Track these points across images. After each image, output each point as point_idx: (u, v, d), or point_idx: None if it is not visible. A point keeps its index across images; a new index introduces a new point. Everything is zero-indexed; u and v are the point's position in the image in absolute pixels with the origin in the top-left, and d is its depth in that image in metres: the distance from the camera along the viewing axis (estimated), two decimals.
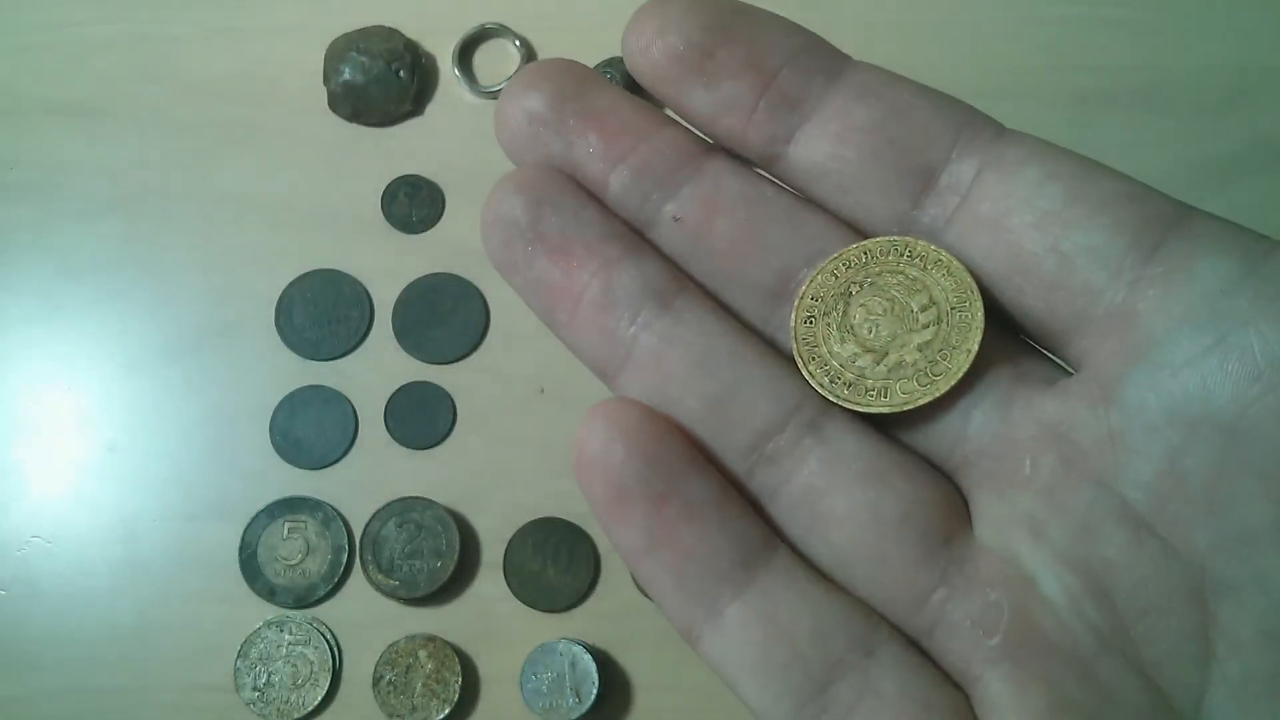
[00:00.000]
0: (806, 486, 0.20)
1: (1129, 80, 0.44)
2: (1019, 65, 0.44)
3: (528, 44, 0.44)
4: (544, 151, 0.21)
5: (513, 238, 0.21)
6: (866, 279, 0.20)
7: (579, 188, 0.21)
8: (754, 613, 0.20)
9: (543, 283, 0.21)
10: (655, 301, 0.20)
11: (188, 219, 0.42)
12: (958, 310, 0.20)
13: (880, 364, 0.20)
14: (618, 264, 0.20)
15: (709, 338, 0.20)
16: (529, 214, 0.21)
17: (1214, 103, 0.44)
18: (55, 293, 0.41)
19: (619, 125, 0.21)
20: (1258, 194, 0.43)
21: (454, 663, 0.37)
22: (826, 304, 0.20)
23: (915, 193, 0.20)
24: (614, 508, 0.20)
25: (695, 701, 0.38)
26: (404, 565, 0.38)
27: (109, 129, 0.43)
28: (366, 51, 0.42)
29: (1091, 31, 0.45)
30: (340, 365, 0.41)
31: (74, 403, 0.40)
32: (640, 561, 0.20)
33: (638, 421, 0.20)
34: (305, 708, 0.37)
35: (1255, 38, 0.44)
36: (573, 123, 0.21)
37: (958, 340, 0.20)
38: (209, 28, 0.44)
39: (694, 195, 0.21)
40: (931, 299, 0.20)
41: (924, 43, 0.44)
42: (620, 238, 0.21)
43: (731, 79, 0.20)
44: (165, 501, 0.39)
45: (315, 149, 0.43)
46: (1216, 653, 0.18)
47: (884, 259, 0.20)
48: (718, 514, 0.20)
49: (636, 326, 0.20)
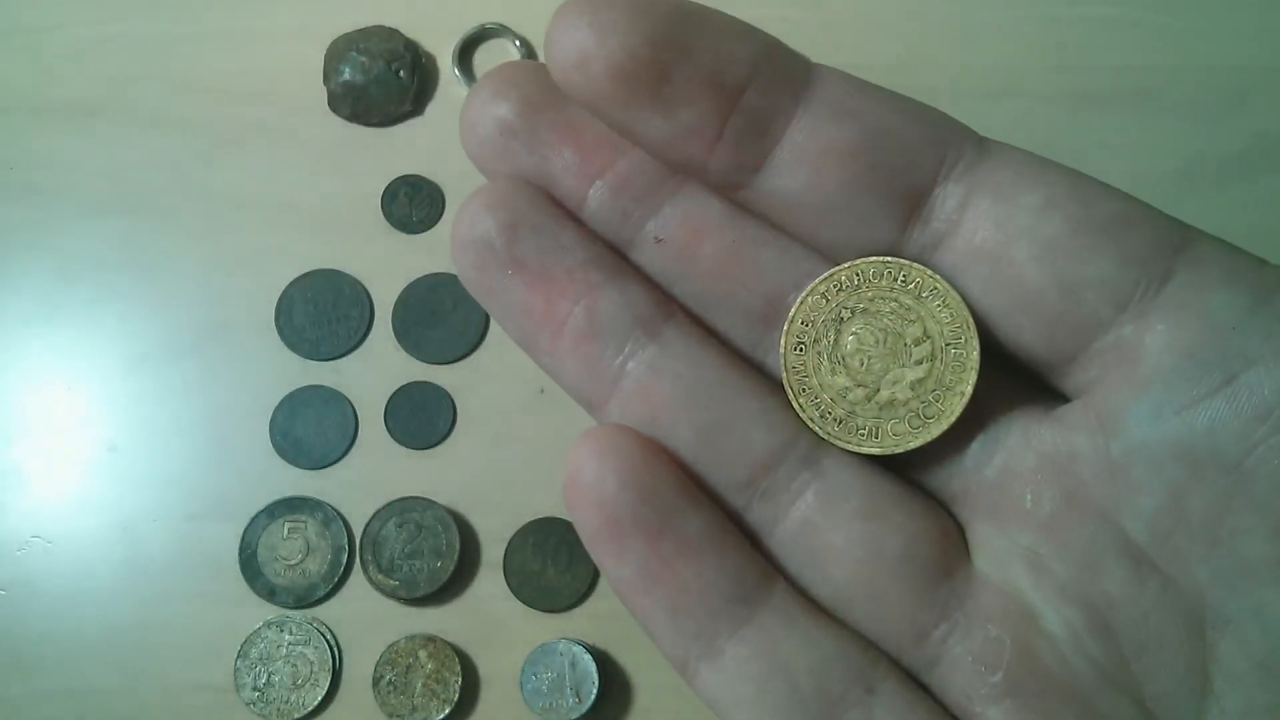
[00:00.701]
0: (804, 521, 0.19)
1: (1129, 80, 0.44)
2: (1018, 65, 0.44)
3: (528, 44, 0.44)
4: (515, 164, 0.20)
5: (487, 261, 0.19)
6: (859, 305, 0.20)
7: (555, 205, 0.20)
8: (751, 650, 0.19)
9: (521, 309, 0.19)
10: (642, 330, 0.19)
11: (188, 219, 0.42)
12: (953, 347, 0.19)
13: (872, 400, 0.20)
14: (601, 290, 0.19)
15: (699, 368, 0.19)
16: (503, 235, 0.19)
17: (1214, 103, 0.44)
18: (55, 292, 0.41)
19: (595, 137, 0.19)
20: (1258, 194, 0.43)
21: (454, 663, 0.37)
22: (817, 330, 0.20)
23: (901, 220, 0.19)
24: (607, 541, 0.19)
25: (695, 701, 0.37)
26: (404, 565, 0.38)
27: (109, 129, 0.43)
28: (366, 51, 0.42)
29: (1091, 31, 0.45)
30: (340, 365, 0.41)
31: (74, 403, 0.40)
32: (633, 596, 0.19)
33: (630, 451, 0.19)
34: (305, 708, 0.37)
35: (1255, 38, 0.44)
36: (546, 134, 0.19)
37: (952, 380, 0.19)
38: (209, 28, 0.44)
39: (676, 214, 0.20)
40: (925, 331, 0.19)
41: (923, 42, 0.44)
42: (602, 261, 0.19)
43: (690, 104, 0.18)
44: (165, 501, 0.39)
45: (315, 149, 0.43)
46: (1214, 687, 0.18)
47: (877, 283, 0.19)
48: (715, 549, 0.19)
49: (623, 357, 0.19)
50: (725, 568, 0.19)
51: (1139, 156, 0.43)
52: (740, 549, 0.19)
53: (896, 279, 0.19)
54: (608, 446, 0.19)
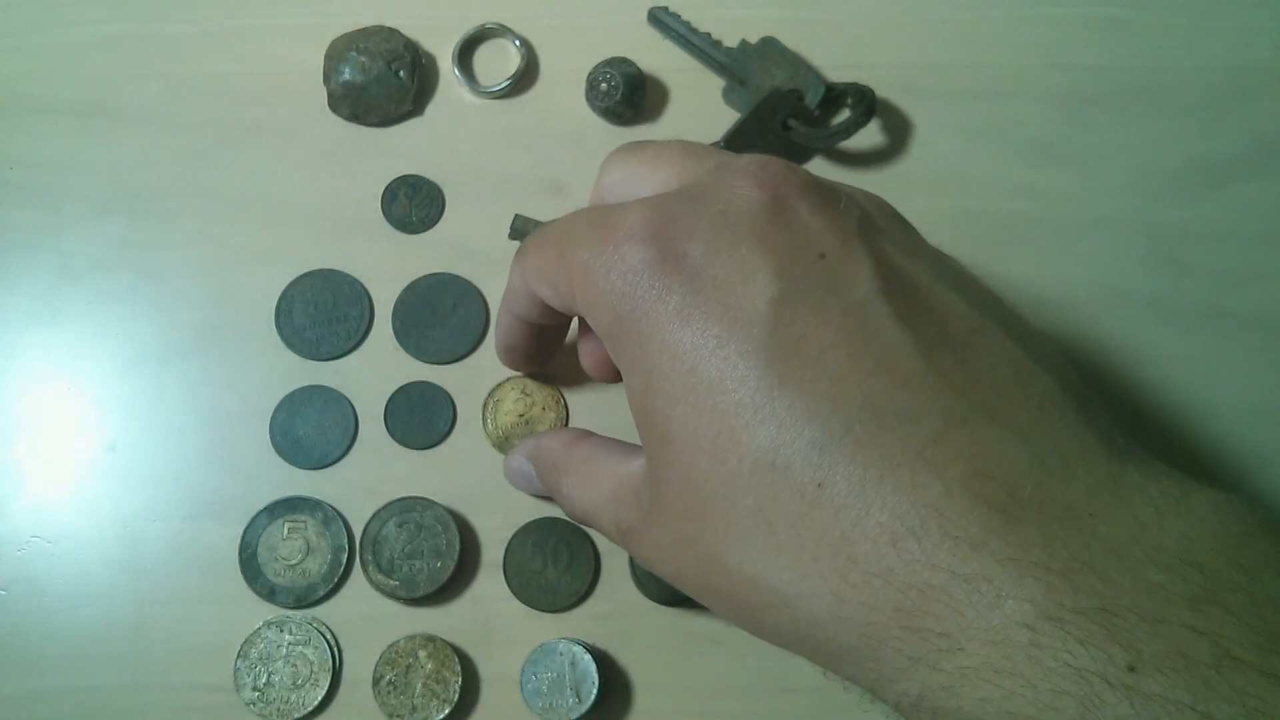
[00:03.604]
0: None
1: (1128, 80, 0.44)
2: (1018, 65, 0.44)
3: (528, 44, 0.44)
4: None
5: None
6: None
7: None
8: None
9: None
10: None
11: (188, 219, 0.42)
12: None
13: None
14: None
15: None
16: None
17: (1213, 103, 0.44)
18: (55, 292, 0.41)
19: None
20: (1257, 194, 0.43)
21: (454, 663, 0.37)
22: None
23: None
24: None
25: (695, 702, 0.38)
26: (404, 565, 0.38)
27: (109, 129, 0.43)
28: (366, 51, 0.42)
29: (1091, 31, 0.45)
30: (340, 365, 0.41)
31: (74, 403, 0.40)
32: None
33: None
34: (305, 708, 0.37)
35: (1255, 38, 0.45)
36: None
37: None
38: (209, 28, 0.44)
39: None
40: None
41: (922, 42, 0.44)
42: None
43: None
44: (165, 501, 0.39)
45: (315, 149, 0.43)
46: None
47: None
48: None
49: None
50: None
51: (1139, 156, 0.43)
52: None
53: None
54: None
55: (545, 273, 0.29)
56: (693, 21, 0.44)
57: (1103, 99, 0.44)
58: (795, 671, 0.37)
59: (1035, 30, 0.45)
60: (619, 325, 0.26)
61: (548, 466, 0.33)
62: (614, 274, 0.26)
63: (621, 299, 0.26)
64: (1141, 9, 0.45)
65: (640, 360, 0.25)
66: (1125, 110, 0.44)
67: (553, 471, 0.32)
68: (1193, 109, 0.44)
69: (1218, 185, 0.43)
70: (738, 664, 0.38)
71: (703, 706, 0.38)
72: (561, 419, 0.40)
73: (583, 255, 0.27)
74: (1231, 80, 0.44)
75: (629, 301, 0.25)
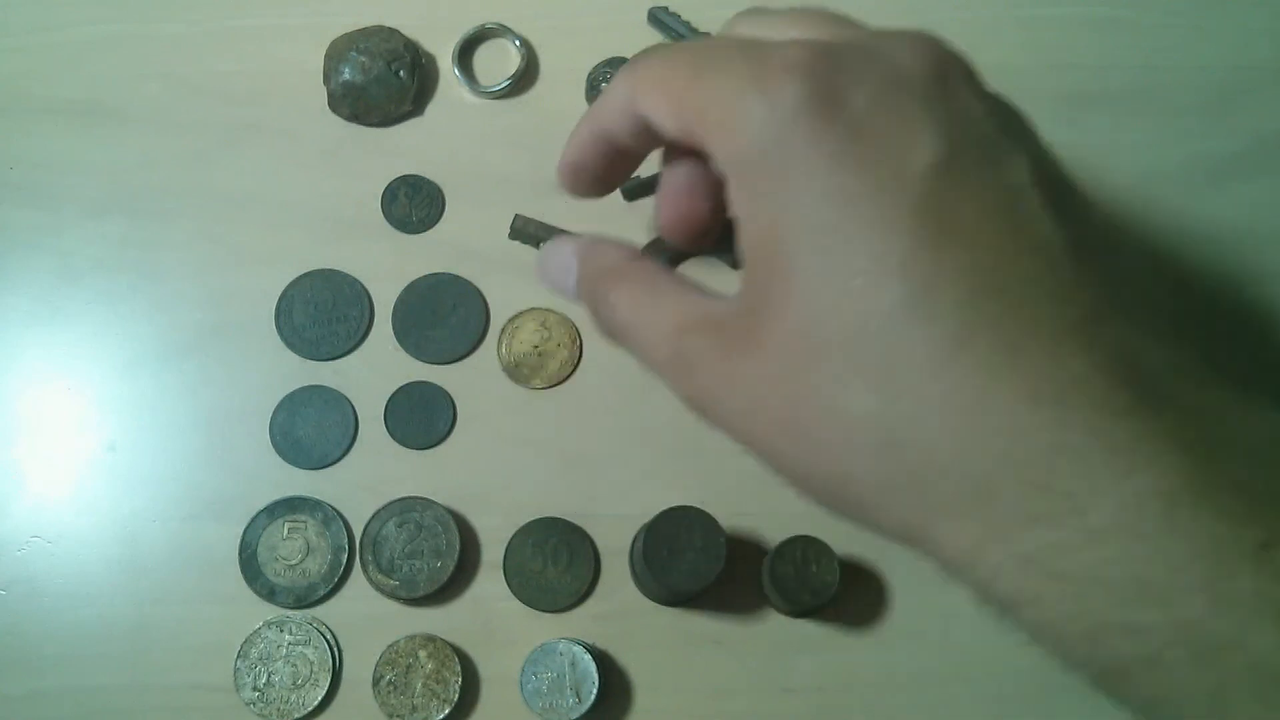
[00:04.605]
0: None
1: (1127, 80, 0.44)
2: (1017, 64, 0.44)
3: (528, 44, 0.44)
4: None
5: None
6: None
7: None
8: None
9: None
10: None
11: (188, 219, 0.42)
12: None
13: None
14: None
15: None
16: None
17: (1213, 103, 0.44)
18: (55, 292, 0.41)
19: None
20: (1257, 194, 0.43)
21: (454, 663, 0.37)
22: None
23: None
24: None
25: (695, 702, 0.38)
26: (404, 565, 0.38)
27: (109, 129, 0.43)
28: (366, 51, 0.42)
29: (1090, 31, 0.45)
30: (340, 365, 0.41)
31: (74, 403, 0.40)
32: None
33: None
34: (305, 708, 0.37)
35: (1255, 38, 0.45)
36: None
37: None
38: (209, 28, 0.44)
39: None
40: None
41: None
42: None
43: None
44: (165, 501, 0.39)
45: (315, 149, 0.43)
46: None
47: None
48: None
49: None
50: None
51: (1139, 156, 0.43)
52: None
53: None
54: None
55: (671, 91, 0.27)
56: (693, 21, 0.44)
57: (1103, 99, 0.44)
58: (795, 671, 0.37)
59: (1035, 30, 0.44)
60: (760, 159, 0.25)
61: (599, 270, 0.29)
62: (765, 106, 0.25)
63: (767, 132, 0.25)
64: (1141, 9, 0.45)
65: (775, 196, 0.24)
66: (1124, 110, 0.43)
67: (606, 276, 0.29)
68: (1193, 109, 0.44)
69: (1217, 185, 0.43)
70: (738, 664, 0.38)
71: (703, 706, 0.38)
72: (575, 360, 0.40)
73: (729, 81, 0.26)
74: (1231, 80, 0.44)
75: (777, 137, 0.25)
